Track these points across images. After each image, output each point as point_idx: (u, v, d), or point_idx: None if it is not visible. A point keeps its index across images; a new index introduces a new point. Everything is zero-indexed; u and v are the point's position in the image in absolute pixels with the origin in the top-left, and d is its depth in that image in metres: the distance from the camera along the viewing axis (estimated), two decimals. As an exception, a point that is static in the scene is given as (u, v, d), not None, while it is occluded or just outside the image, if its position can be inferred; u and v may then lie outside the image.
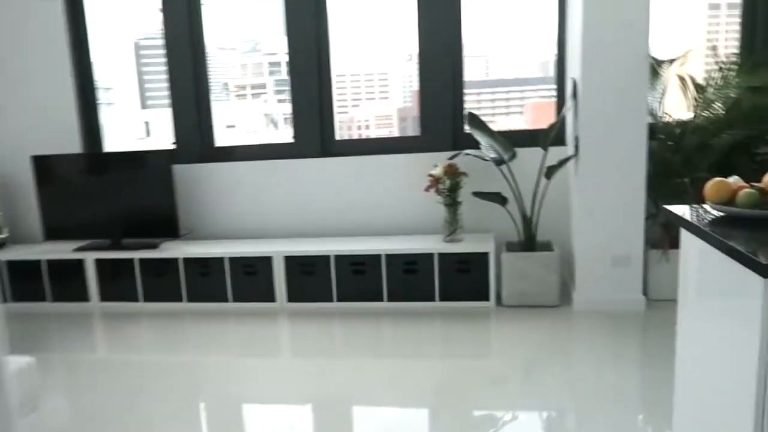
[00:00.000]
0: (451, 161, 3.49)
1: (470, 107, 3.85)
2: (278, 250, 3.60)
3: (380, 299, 3.52)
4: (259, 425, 2.48)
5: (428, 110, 3.83)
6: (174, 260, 3.68)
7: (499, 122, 4.04)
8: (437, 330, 3.28)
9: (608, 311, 3.26)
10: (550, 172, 3.34)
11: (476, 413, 2.46)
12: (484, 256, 3.38)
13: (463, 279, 3.43)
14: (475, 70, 3.98)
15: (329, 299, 3.56)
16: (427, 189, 3.50)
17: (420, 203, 3.72)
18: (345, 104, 4.20)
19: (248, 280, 3.63)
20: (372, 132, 4.29)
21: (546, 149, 3.35)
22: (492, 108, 4.12)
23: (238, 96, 4.46)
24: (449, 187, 3.49)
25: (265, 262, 3.59)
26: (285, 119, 4.25)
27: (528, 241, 3.46)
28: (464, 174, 3.47)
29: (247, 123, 4.48)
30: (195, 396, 2.68)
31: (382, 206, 3.87)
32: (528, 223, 3.46)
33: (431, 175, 3.49)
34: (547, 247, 3.46)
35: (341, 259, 3.52)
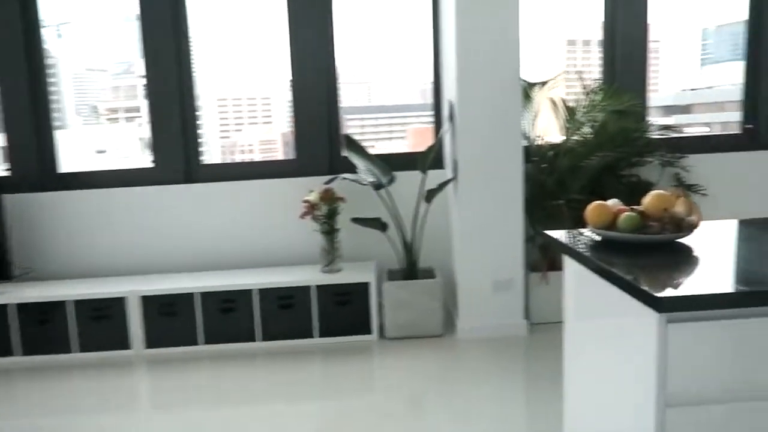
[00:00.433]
0: (328, 186, 3.27)
1: (354, 132, 3.71)
2: (133, 290, 3.16)
3: (253, 339, 3.19)
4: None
5: (303, 134, 3.61)
6: (3, 307, 3.12)
7: (383, 147, 3.94)
8: (317, 368, 3.01)
9: (492, 338, 3.18)
10: (430, 196, 3.23)
11: (358, 464, 2.22)
12: (365, 287, 3.18)
13: (344, 312, 3.20)
14: (357, 96, 3.90)
15: (194, 342, 3.18)
16: (303, 216, 3.26)
17: (295, 231, 3.46)
18: (227, 128, 3.97)
19: (97, 326, 3.15)
20: (256, 156, 4.02)
21: (425, 172, 3.24)
22: (375, 133, 4.03)
23: (110, 119, 4.04)
24: (326, 214, 3.27)
25: (118, 304, 3.14)
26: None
27: (410, 269, 3.31)
28: (342, 199, 3.27)
29: (120, 148, 4.06)
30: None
31: (253, 236, 3.56)
32: (409, 250, 3.31)
33: (306, 201, 3.25)
34: (430, 274, 3.33)
35: (208, 297, 3.16)
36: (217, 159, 3.92)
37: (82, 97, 3.89)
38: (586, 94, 3.41)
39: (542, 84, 3.45)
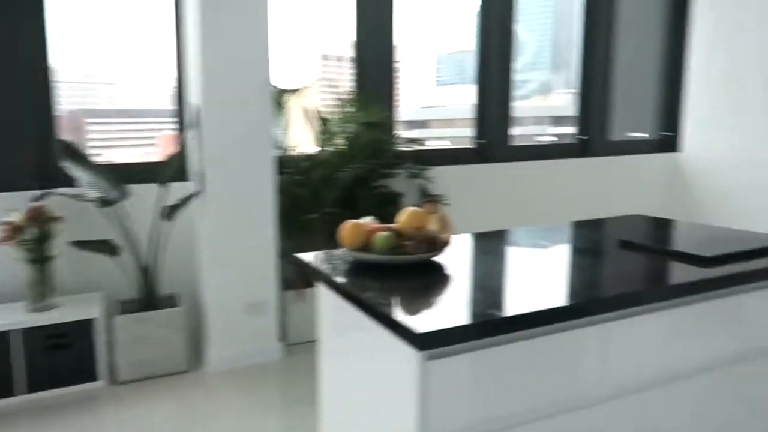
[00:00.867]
0: (38, 204, 2.64)
1: (96, 138, 3.12)
2: None
3: (-74, 407, 2.41)
4: None
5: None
6: None
7: (120, 156, 3.37)
8: (24, 435, 2.38)
9: (245, 366, 2.90)
10: (172, 213, 2.82)
11: None
12: (89, 324, 2.62)
13: (62, 358, 2.60)
14: (101, 99, 3.31)
15: None
16: (4, 241, 2.58)
17: (-8, 261, 2.74)
18: None
19: None
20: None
21: (164, 185, 2.82)
22: (122, 139, 3.44)
23: None
24: (36, 238, 2.63)
25: None
26: None
27: (147, 298, 2.84)
28: (58, 219, 2.67)
29: None
30: None
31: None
32: (147, 276, 2.85)
33: (8, 224, 2.58)
34: (172, 303, 2.90)
35: None
36: None
37: None
38: (340, 106, 3.36)
39: (295, 92, 3.29)
